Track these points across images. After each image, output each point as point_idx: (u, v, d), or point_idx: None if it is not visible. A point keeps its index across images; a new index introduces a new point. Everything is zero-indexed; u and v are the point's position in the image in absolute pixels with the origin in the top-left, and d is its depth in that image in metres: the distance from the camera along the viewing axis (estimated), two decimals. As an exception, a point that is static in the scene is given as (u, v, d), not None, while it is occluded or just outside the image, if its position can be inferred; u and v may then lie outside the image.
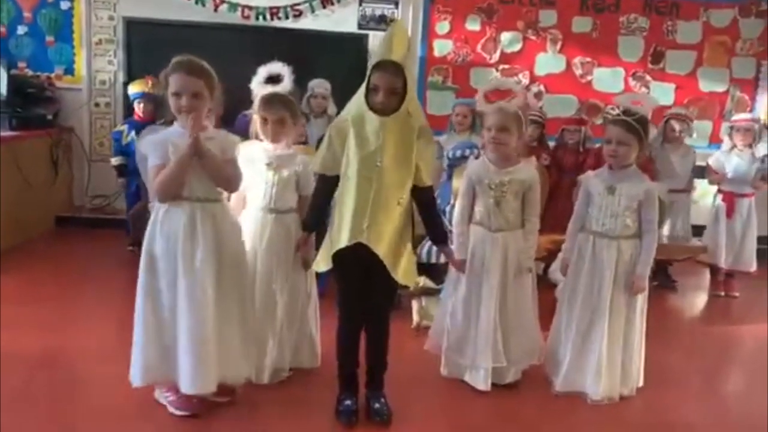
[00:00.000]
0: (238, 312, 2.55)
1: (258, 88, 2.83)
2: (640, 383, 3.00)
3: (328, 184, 2.53)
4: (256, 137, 2.85)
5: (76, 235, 5.07)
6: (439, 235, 2.69)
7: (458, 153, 3.86)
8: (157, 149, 2.43)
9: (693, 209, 4.76)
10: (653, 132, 4.70)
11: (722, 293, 4.73)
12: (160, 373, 2.49)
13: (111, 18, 5.58)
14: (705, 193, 4.90)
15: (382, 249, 2.39)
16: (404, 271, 2.49)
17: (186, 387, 2.44)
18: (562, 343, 2.95)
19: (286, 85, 2.83)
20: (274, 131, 2.76)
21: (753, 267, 4.71)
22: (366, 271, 2.45)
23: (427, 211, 2.61)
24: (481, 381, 2.90)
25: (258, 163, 2.76)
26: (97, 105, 5.71)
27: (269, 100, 2.76)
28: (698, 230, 4.85)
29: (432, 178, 2.58)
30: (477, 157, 3.16)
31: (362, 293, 2.53)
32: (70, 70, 5.63)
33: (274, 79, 2.84)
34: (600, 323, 2.84)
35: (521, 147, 2.95)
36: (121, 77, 5.57)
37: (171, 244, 2.42)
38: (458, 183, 3.24)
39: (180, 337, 2.43)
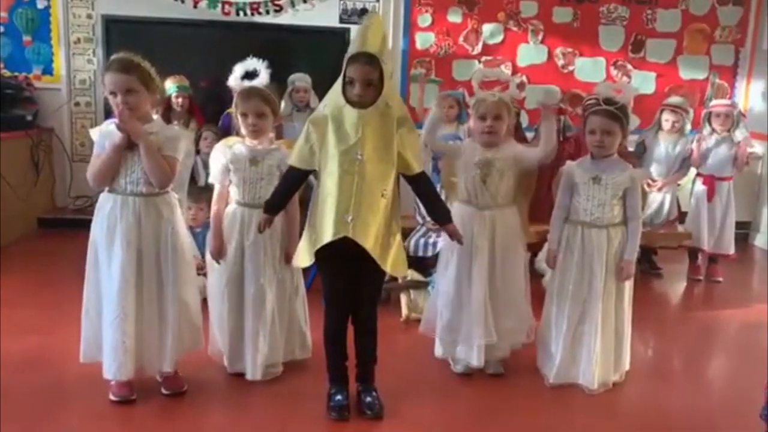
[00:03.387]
0: (157, 307, 2.58)
1: (235, 85, 2.81)
2: (627, 367, 3.02)
3: (298, 176, 2.52)
4: (238, 133, 2.84)
5: (59, 236, 5.01)
6: (443, 215, 2.64)
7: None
8: (99, 140, 2.52)
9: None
10: (636, 121, 4.75)
11: (701, 277, 4.77)
12: (96, 354, 2.59)
13: (89, 16, 5.50)
14: (687, 179, 4.93)
15: (369, 242, 2.37)
16: (393, 262, 2.48)
17: (105, 371, 2.56)
18: (553, 336, 2.94)
19: (262, 80, 2.81)
20: (254, 126, 2.72)
21: (732, 250, 4.75)
22: (352, 264, 2.44)
23: (426, 196, 2.61)
24: (474, 357, 2.91)
25: (241, 158, 2.74)
26: (77, 105, 5.64)
27: (247, 95, 2.74)
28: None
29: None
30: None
31: (348, 287, 2.52)
32: (48, 70, 5.56)
33: (250, 75, 2.83)
34: (592, 313, 2.84)
35: (506, 136, 2.97)
36: (100, 76, 5.50)
37: (102, 232, 2.51)
38: (444, 175, 3.25)
39: (102, 323, 2.54)
